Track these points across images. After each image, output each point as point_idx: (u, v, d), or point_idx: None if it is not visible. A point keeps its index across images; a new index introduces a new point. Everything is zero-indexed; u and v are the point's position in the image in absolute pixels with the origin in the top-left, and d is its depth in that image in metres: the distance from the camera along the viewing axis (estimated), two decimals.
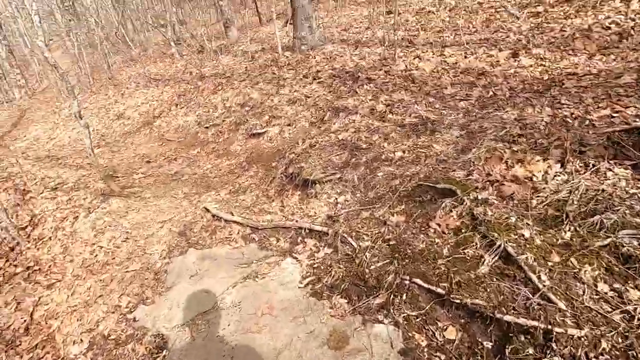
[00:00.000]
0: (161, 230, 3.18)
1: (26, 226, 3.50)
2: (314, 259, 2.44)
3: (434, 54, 4.48)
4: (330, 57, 5.75)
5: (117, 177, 4.47)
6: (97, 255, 2.91)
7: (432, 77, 3.93)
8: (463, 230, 2.02)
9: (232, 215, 3.13)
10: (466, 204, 2.12)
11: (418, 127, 3.17)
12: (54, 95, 11.65)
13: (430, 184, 2.38)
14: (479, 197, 2.11)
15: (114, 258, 2.88)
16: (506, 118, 2.83)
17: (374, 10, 7.40)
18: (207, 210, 3.35)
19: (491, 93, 3.27)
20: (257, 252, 2.70)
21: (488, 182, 2.20)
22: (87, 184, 4.15)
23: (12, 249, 3.18)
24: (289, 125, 4.39)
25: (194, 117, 5.86)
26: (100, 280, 2.66)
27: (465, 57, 4.09)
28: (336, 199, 2.81)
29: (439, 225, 2.13)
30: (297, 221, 2.80)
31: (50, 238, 3.21)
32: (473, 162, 2.43)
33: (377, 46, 5.64)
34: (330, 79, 4.92)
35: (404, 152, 2.90)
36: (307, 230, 2.67)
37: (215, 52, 8.69)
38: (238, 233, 2.94)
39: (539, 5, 5.00)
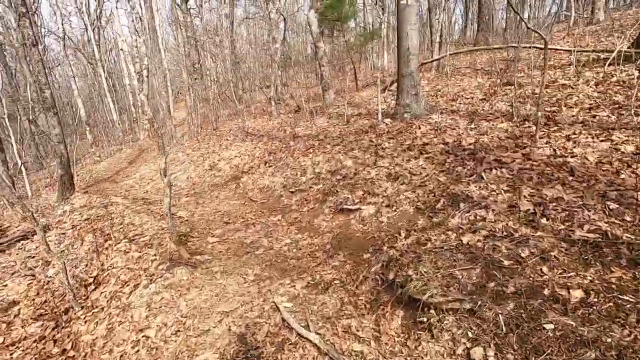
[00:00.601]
0: (219, 327, 2.52)
1: (90, 283, 3.22)
2: None
3: (594, 137, 3.38)
4: (439, 129, 5.01)
5: (192, 236, 4.15)
6: (138, 350, 2.35)
7: (603, 170, 2.82)
8: None
9: (308, 329, 2.33)
10: None
11: (602, 249, 2.07)
12: (167, 139, 13.15)
13: None
14: None
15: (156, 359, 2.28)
16: None
17: (491, 79, 6.62)
18: (277, 309, 2.62)
19: None
20: None
21: None
22: (162, 241, 3.87)
23: (66, 312, 2.85)
24: (387, 206, 3.61)
25: (280, 179, 5.53)
26: None
27: None
28: (467, 349, 1.81)
29: None
30: None
31: (103, 308, 2.82)
32: None
33: (500, 120, 4.72)
34: (441, 155, 4.10)
35: (586, 292, 1.82)
36: None
37: (311, 113, 8.74)
38: None
39: None
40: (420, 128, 5.28)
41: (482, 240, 2.46)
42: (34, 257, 4.58)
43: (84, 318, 2.78)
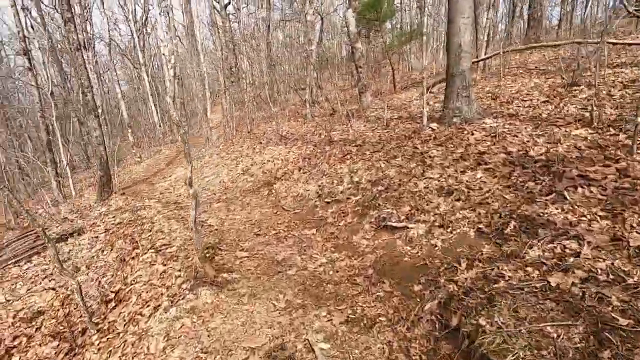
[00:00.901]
0: None
1: (111, 299, 3.00)
2: None
3: None
4: (496, 135, 4.37)
5: (221, 248, 3.86)
6: None
7: None
8: None
9: None
10: None
11: None
12: (203, 141, 13.31)
13: None
14: None
15: None
16: None
17: (551, 79, 5.82)
18: (312, 349, 2.21)
19: None
20: None
21: None
22: (188, 253, 3.61)
23: (83, 332, 2.63)
24: (441, 226, 3.08)
25: (315, 187, 5.13)
26: None
27: None
28: None
29: None
30: None
31: (119, 334, 2.57)
32: None
33: (575, 126, 4.01)
34: (504, 166, 3.50)
35: None
36: None
37: (347, 116, 8.30)
38: None
39: None
40: (473, 134, 4.66)
41: (578, 285, 1.89)
42: (65, 261, 4.52)
43: (98, 345, 2.53)
